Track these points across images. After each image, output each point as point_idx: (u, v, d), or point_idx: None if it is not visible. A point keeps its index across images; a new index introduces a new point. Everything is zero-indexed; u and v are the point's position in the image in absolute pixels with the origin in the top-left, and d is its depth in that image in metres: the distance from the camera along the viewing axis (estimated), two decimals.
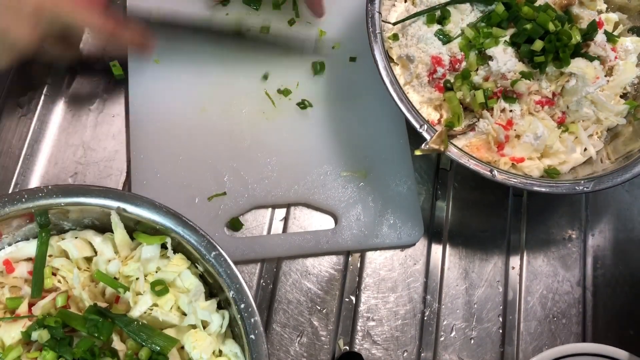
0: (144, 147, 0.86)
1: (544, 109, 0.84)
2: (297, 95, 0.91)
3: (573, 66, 0.82)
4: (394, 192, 0.87)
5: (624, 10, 0.92)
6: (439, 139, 0.77)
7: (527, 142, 0.81)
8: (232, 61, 0.92)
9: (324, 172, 0.87)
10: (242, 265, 0.84)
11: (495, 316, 0.86)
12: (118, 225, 0.68)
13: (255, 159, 0.87)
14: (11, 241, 0.70)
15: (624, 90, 0.89)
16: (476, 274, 0.87)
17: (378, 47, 0.80)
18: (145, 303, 0.66)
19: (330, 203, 0.86)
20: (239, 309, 0.65)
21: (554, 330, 0.86)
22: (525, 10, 0.82)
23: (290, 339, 0.81)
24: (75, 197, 0.67)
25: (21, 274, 0.69)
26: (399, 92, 0.78)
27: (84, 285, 0.68)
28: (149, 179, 0.84)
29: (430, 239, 0.88)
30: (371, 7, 0.82)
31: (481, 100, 0.82)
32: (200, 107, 0.89)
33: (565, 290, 0.88)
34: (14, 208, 0.66)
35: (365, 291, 0.85)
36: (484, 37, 0.83)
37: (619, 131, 0.87)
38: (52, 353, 0.62)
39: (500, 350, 0.84)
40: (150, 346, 0.63)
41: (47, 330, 0.62)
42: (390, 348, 0.82)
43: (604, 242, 0.92)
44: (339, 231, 0.85)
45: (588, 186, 0.78)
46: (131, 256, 0.70)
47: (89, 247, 0.70)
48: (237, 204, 0.85)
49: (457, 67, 0.84)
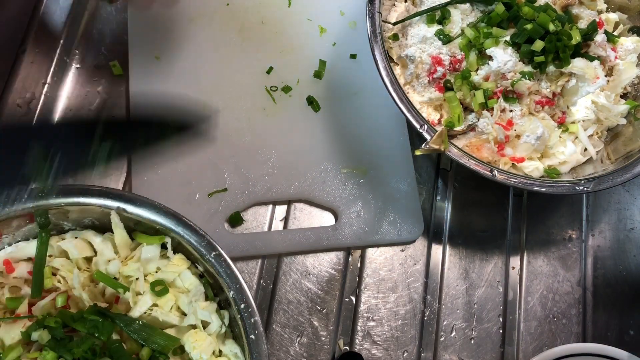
0: (145, 145, 0.86)
1: (544, 109, 0.84)
2: (298, 92, 0.92)
3: (573, 66, 0.81)
4: (394, 189, 0.88)
5: (624, 10, 0.92)
6: (439, 139, 0.77)
7: (527, 142, 0.81)
8: (233, 58, 0.92)
9: (324, 169, 0.88)
10: (242, 264, 0.84)
11: (496, 316, 0.86)
12: (118, 226, 0.68)
13: (255, 156, 0.87)
14: (11, 241, 0.70)
15: (624, 90, 0.89)
16: (476, 274, 0.87)
17: (378, 47, 0.80)
18: (145, 303, 0.66)
19: (331, 200, 0.86)
20: (239, 309, 0.65)
21: (554, 330, 0.86)
22: (525, 10, 0.82)
23: (290, 339, 0.81)
24: (75, 197, 0.67)
25: (21, 274, 0.68)
26: (399, 92, 0.78)
27: (84, 285, 0.68)
28: (149, 175, 0.84)
29: (430, 239, 0.88)
30: (371, 7, 0.82)
31: (481, 100, 0.82)
32: (201, 104, 0.89)
33: (566, 290, 0.88)
34: (14, 208, 0.66)
35: (365, 291, 0.85)
36: (484, 37, 0.83)
37: (619, 131, 0.87)
38: (52, 353, 0.62)
39: (501, 350, 0.84)
40: (151, 345, 0.63)
41: (47, 331, 0.62)
42: (390, 348, 0.82)
43: (604, 242, 0.92)
44: (339, 228, 0.85)
45: (588, 186, 0.78)
46: (131, 256, 0.70)
47: (89, 247, 0.70)
48: (238, 200, 0.85)
49: (457, 67, 0.84)
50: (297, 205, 0.87)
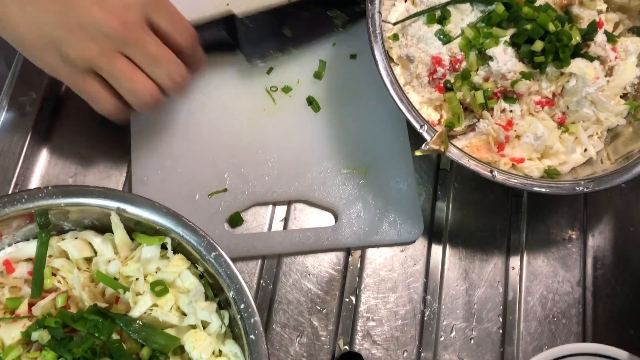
0: (145, 145, 0.86)
1: (544, 110, 0.84)
2: (298, 93, 0.92)
3: (573, 66, 0.81)
4: (394, 189, 0.88)
5: (624, 10, 0.92)
6: (439, 140, 0.77)
7: (527, 142, 0.81)
8: (232, 57, 0.92)
9: (324, 169, 0.88)
10: (242, 264, 0.84)
11: (495, 316, 0.86)
12: (118, 226, 0.68)
13: (255, 156, 0.87)
14: (11, 241, 0.70)
15: (624, 90, 0.89)
16: (476, 274, 0.88)
17: (378, 47, 0.80)
18: (145, 303, 0.66)
19: (331, 200, 0.86)
20: (239, 309, 0.65)
21: (554, 330, 0.86)
22: (525, 10, 0.82)
23: (290, 339, 0.81)
24: (75, 197, 0.67)
25: (21, 274, 0.69)
26: (399, 93, 0.78)
27: (84, 285, 0.68)
28: (149, 175, 0.84)
29: (430, 239, 0.88)
30: (371, 7, 0.82)
31: (481, 100, 0.82)
32: (201, 104, 0.89)
33: (566, 290, 0.88)
34: (14, 208, 0.66)
35: (365, 291, 0.85)
36: (484, 37, 0.83)
37: (619, 132, 0.87)
38: (52, 353, 0.62)
39: (500, 350, 0.84)
40: (151, 345, 0.63)
41: (47, 331, 0.63)
42: (390, 348, 0.82)
43: (604, 242, 0.92)
44: (339, 228, 0.85)
45: (588, 187, 0.78)
46: (131, 257, 0.70)
47: (89, 247, 0.70)
48: (238, 200, 0.85)
49: (457, 68, 0.84)
50: (297, 206, 0.87)
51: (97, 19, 0.69)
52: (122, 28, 0.70)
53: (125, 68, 0.72)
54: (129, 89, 0.72)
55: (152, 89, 0.74)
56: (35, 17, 0.68)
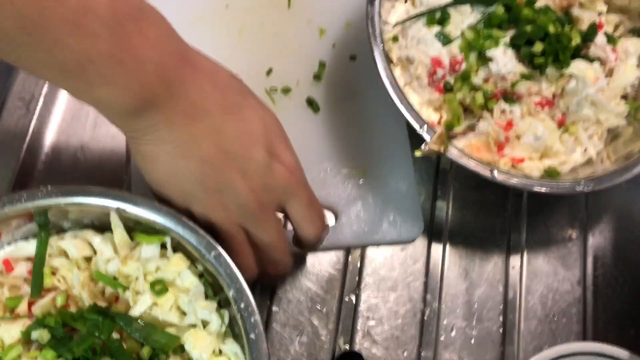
0: None
1: (544, 110, 0.84)
2: (298, 94, 0.92)
3: (573, 68, 0.81)
4: (394, 189, 0.88)
5: (625, 11, 0.92)
6: (439, 140, 0.77)
7: (527, 142, 0.81)
8: (232, 59, 0.92)
9: (324, 169, 0.88)
10: None
11: (496, 315, 0.86)
12: (117, 226, 0.68)
13: None
14: (10, 240, 0.70)
15: (624, 91, 0.89)
16: (476, 273, 0.87)
17: (378, 48, 0.80)
18: (144, 302, 0.66)
19: (331, 200, 0.86)
20: (239, 308, 0.65)
21: (554, 330, 0.86)
22: (525, 12, 0.82)
23: (290, 338, 0.81)
24: (74, 197, 0.67)
25: (21, 274, 0.68)
26: (399, 94, 0.78)
27: (84, 284, 0.68)
28: None
29: (430, 238, 0.88)
30: (371, 8, 0.83)
31: (481, 101, 0.82)
32: None
33: (566, 289, 0.88)
34: (13, 208, 0.66)
35: (365, 290, 0.85)
36: (484, 39, 0.83)
37: (619, 132, 0.87)
38: (52, 352, 0.62)
39: (501, 350, 0.84)
40: (151, 344, 0.63)
41: (47, 330, 0.62)
42: (390, 347, 0.82)
43: (604, 242, 0.91)
44: (339, 228, 0.85)
45: (588, 186, 0.78)
46: (131, 256, 0.69)
47: (88, 246, 0.70)
48: None
49: (457, 69, 0.84)
50: None
51: (238, 189, 0.66)
52: (256, 206, 0.67)
53: (240, 244, 0.70)
54: (233, 260, 0.69)
55: (252, 271, 0.72)
56: (181, 170, 0.66)
